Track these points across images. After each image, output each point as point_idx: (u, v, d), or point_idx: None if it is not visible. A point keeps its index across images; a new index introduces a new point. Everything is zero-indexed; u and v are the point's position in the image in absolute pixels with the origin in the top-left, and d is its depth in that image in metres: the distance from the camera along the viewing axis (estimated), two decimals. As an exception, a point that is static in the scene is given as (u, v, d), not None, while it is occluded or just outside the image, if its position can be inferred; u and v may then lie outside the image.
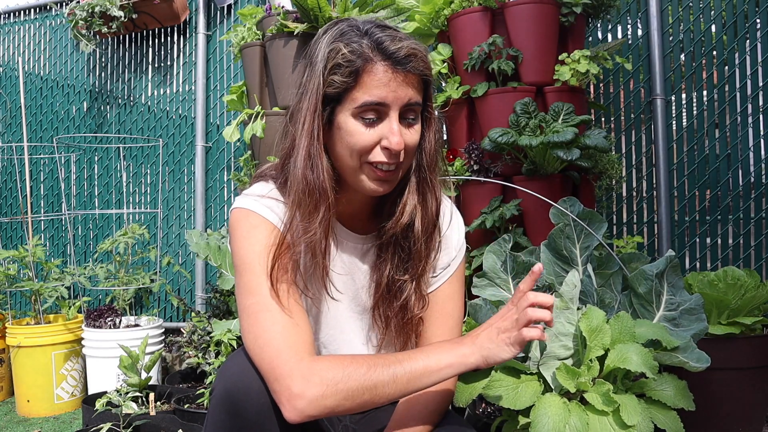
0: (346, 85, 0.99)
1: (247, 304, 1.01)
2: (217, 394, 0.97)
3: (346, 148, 1.03)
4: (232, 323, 2.27)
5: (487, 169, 2.26)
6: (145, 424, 2.05)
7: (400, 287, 1.13)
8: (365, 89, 0.99)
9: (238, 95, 2.84)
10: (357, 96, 0.99)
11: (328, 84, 1.00)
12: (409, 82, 1.01)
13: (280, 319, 0.98)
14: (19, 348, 2.80)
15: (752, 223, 2.50)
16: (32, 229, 3.54)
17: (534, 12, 2.20)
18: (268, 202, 1.08)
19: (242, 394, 0.94)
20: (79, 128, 3.76)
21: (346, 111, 1.01)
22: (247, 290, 1.02)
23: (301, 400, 0.91)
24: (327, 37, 1.03)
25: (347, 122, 1.01)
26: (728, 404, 1.95)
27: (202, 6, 3.37)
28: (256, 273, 1.02)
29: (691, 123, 2.61)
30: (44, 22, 3.89)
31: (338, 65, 0.99)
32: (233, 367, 0.98)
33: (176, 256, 3.46)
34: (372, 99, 0.99)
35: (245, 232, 1.05)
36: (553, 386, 1.41)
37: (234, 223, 1.08)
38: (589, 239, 1.64)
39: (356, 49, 0.99)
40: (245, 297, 1.02)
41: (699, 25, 2.60)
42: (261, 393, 0.94)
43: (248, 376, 0.95)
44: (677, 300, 1.57)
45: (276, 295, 1.00)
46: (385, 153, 1.01)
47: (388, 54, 0.99)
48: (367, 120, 1.00)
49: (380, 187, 1.05)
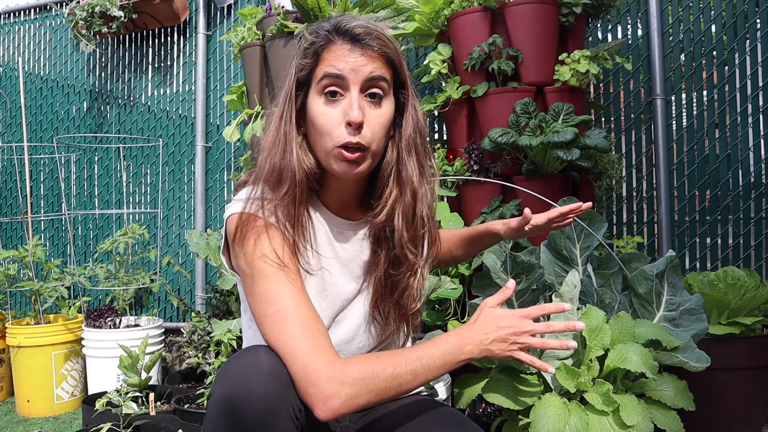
0: (311, 66, 1.07)
1: (269, 312, 1.02)
2: (216, 397, 0.96)
3: (317, 132, 1.07)
4: (232, 323, 2.27)
5: (487, 169, 2.26)
6: (145, 424, 2.05)
7: (396, 281, 1.15)
8: (325, 64, 1.05)
9: (238, 95, 2.84)
10: (318, 72, 1.06)
11: (299, 69, 1.08)
12: (368, 56, 1.05)
13: (305, 324, 1.00)
14: (19, 348, 2.80)
15: (752, 223, 2.50)
16: (32, 229, 3.54)
17: (534, 12, 2.20)
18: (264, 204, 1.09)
19: (242, 398, 0.93)
20: (79, 128, 3.76)
21: (313, 92, 1.07)
22: (266, 299, 1.03)
23: (337, 400, 0.95)
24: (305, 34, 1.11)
25: (315, 104, 1.06)
26: (728, 404, 1.95)
27: (202, 6, 3.37)
28: (270, 278, 1.03)
29: (691, 123, 2.61)
30: (44, 22, 3.89)
31: (305, 49, 1.07)
32: (233, 371, 0.96)
33: (176, 256, 3.46)
34: (330, 71, 1.04)
35: (249, 237, 1.06)
36: (553, 386, 1.41)
37: (235, 229, 1.08)
38: (589, 239, 1.64)
39: (319, 32, 1.07)
40: (266, 305, 1.03)
41: (699, 25, 2.60)
42: (262, 397, 0.93)
43: (249, 380, 0.94)
44: (677, 300, 1.57)
45: (296, 301, 1.02)
46: (348, 130, 1.04)
47: (344, 31, 1.06)
48: (330, 96, 1.05)
49: (349, 169, 1.07)
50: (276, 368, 0.96)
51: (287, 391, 0.96)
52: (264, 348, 1.00)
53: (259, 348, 1.00)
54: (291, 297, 1.02)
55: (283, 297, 1.02)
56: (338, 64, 1.04)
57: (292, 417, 0.96)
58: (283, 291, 1.02)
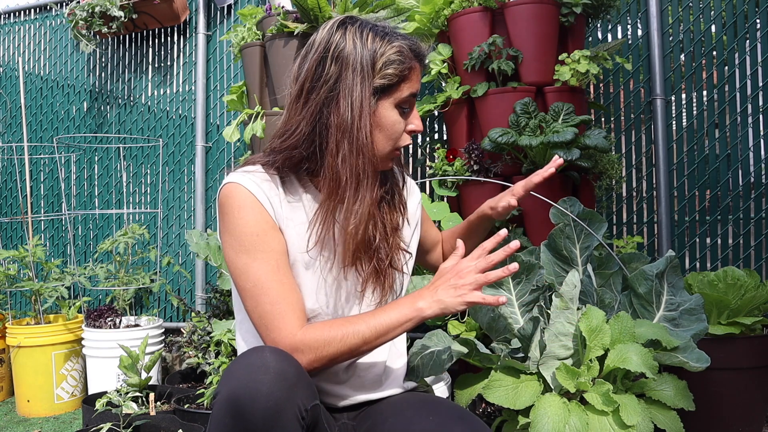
0: (398, 78, 1.13)
1: (247, 287, 1.11)
2: (222, 396, 0.96)
3: (384, 135, 1.15)
4: (232, 323, 2.27)
5: (487, 169, 2.26)
6: (145, 424, 2.05)
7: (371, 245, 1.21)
8: (410, 83, 1.15)
9: (238, 95, 2.84)
10: (404, 88, 1.15)
11: (382, 76, 1.12)
12: None
13: (276, 300, 1.10)
14: (19, 348, 2.80)
15: (752, 223, 2.50)
16: (32, 229, 3.54)
17: (534, 12, 2.20)
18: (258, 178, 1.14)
19: (249, 398, 0.93)
20: (79, 128, 3.76)
21: (389, 101, 1.14)
22: (244, 274, 1.12)
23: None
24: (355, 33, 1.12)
25: (389, 112, 1.15)
26: (728, 404, 1.95)
27: (202, 6, 3.37)
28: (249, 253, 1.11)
29: (691, 123, 2.61)
30: (44, 22, 3.89)
31: (392, 61, 1.12)
32: (240, 370, 0.96)
33: (176, 256, 3.46)
34: (414, 92, 1.17)
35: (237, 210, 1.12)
36: (553, 386, 1.41)
37: (225, 200, 1.13)
38: (589, 239, 1.64)
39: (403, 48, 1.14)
40: (244, 280, 1.12)
41: (699, 25, 2.60)
42: (269, 397, 0.93)
43: (256, 380, 0.94)
44: (677, 300, 1.57)
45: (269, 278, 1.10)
46: (407, 137, 1.19)
47: (421, 57, 1.18)
48: (405, 110, 1.16)
49: (390, 164, 1.21)
50: (283, 368, 0.97)
51: (294, 392, 0.96)
52: (270, 348, 1.01)
53: (265, 348, 1.01)
54: (265, 273, 1.10)
55: (259, 274, 1.10)
56: (417, 86, 1.17)
57: (298, 418, 0.96)
58: (258, 268, 1.11)
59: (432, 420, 1.09)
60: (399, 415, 1.14)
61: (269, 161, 1.17)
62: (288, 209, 1.16)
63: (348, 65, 1.11)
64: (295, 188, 1.19)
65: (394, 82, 1.13)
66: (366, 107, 1.11)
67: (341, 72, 1.11)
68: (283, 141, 1.15)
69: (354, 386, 1.24)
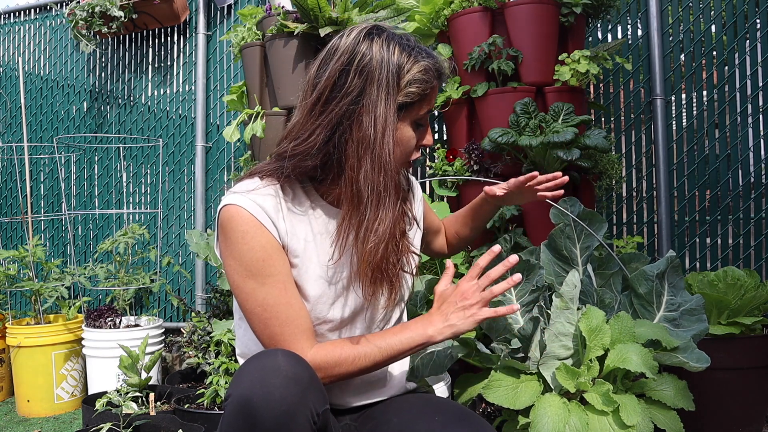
0: (419, 98, 1.12)
1: (255, 311, 1.11)
2: (234, 398, 0.95)
3: (400, 150, 1.14)
4: (232, 323, 2.27)
5: (487, 169, 2.26)
6: (145, 424, 2.05)
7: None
8: (428, 103, 1.15)
9: (238, 95, 2.84)
10: (423, 107, 1.14)
11: (405, 94, 1.11)
12: None
13: (285, 321, 1.10)
14: (19, 348, 2.80)
15: (752, 223, 2.50)
16: (32, 229, 3.54)
17: (534, 12, 2.20)
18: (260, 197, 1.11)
19: (262, 401, 0.92)
20: (79, 128, 3.76)
21: (408, 118, 1.14)
22: (251, 297, 1.11)
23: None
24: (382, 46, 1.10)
25: (407, 129, 1.14)
26: (728, 404, 1.95)
27: (202, 6, 3.37)
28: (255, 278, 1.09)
29: (691, 123, 2.61)
30: (44, 22, 3.89)
31: (416, 79, 1.11)
32: (252, 373, 0.96)
33: (176, 256, 3.46)
34: (430, 108, 1.17)
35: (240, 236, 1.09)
36: (553, 386, 1.41)
37: (227, 224, 1.10)
38: (589, 239, 1.64)
39: (429, 67, 1.13)
40: (251, 304, 1.11)
41: (699, 26, 2.60)
42: (282, 401, 0.92)
43: (269, 383, 0.93)
44: (678, 300, 1.57)
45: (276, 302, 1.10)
46: (420, 151, 1.20)
47: (445, 76, 1.19)
48: (420, 126, 1.17)
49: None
50: (296, 372, 0.96)
51: (306, 396, 0.96)
52: (282, 351, 1.00)
53: (277, 351, 1.00)
54: (274, 297, 1.10)
55: (267, 298, 1.10)
56: (434, 104, 1.18)
57: (310, 422, 0.96)
58: (267, 292, 1.10)
59: (437, 420, 1.09)
60: (403, 416, 1.14)
61: (276, 169, 1.13)
62: (292, 221, 1.14)
63: (373, 80, 1.08)
64: (300, 199, 1.16)
65: (415, 101, 1.12)
66: (390, 124, 1.09)
67: (365, 86, 1.08)
68: (295, 146, 1.11)
69: (357, 390, 1.24)
